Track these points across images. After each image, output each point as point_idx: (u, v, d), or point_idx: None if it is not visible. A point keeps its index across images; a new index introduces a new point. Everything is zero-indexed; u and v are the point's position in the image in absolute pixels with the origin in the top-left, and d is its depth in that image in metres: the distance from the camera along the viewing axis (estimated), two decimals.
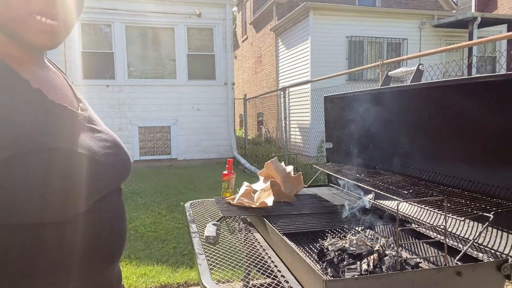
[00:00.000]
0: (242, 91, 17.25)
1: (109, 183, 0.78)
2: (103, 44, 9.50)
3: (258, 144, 12.06)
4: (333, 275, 1.25)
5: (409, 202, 1.69)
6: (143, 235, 4.39)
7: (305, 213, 1.81)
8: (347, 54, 10.82)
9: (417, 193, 1.60)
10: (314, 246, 1.55)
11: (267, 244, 1.59)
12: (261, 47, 15.15)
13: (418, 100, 1.78)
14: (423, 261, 1.40)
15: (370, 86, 7.43)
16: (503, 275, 1.09)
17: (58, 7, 0.72)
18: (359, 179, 1.95)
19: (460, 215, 1.26)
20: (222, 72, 10.10)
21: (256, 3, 15.76)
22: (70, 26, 0.79)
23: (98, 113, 0.95)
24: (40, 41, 0.73)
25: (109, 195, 0.78)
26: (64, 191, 0.66)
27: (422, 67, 1.84)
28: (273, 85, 13.53)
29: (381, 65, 4.55)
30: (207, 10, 9.94)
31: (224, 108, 10.19)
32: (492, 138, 1.43)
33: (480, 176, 1.51)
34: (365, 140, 2.25)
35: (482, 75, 1.29)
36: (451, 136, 1.63)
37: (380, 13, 11.31)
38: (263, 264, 1.41)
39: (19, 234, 0.63)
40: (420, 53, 4.21)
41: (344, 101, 2.35)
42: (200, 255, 1.47)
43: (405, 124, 1.90)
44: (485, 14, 11.02)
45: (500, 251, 1.22)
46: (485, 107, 1.42)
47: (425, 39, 11.29)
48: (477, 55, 10.88)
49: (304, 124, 10.05)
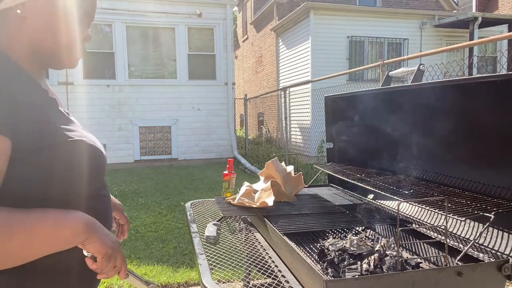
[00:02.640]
0: (242, 91, 17.25)
1: (105, 168, 1.02)
2: (104, 44, 9.50)
3: (258, 144, 12.06)
4: (334, 275, 1.25)
5: (409, 202, 1.69)
6: (143, 235, 4.39)
7: (306, 213, 1.81)
8: (347, 54, 10.81)
9: (417, 193, 1.60)
10: (314, 246, 1.55)
11: (267, 244, 1.59)
12: (261, 47, 15.15)
13: (418, 100, 1.77)
14: (423, 261, 1.39)
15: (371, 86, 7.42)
16: (503, 276, 1.09)
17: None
18: (359, 179, 1.95)
19: (461, 215, 1.26)
20: (222, 72, 10.10)
21: (257, 3, 15.76)
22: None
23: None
24: (74, 64, 0.94)
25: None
26: (89, 168, 0.90)
27: (423, 67, 1.84)
28: (273, 85, 13.52)
29: (382, 65, 4.54)
30: (207, 10, 9.94)
31: (225, 108, 10.19)
32: (493, 138, 1.43)
33: (481, 176, 1.51)
34: (365, 140, 2.25)
35: (483, 75, 1.29)
36: (452, 136, 1.63)
37: (381, 13, 11.30)
38: (264, 264, 1.41)
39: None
40: (421, 53, 4.21)
41: (344, 101, 2.35)
42: (201, 255, 1.47)
43: (406, 124, 1.90)
44: (485, 14, 11.02)
45: (500, 252, 1.22)
46: (486, 107, 1.42)
47: (426, 39, 11.28)
48: (478, 55, 10.88)
49: (304, 124, 10.05)
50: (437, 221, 1.57)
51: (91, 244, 0.82)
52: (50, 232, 0.77)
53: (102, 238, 0.84)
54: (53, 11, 0.87)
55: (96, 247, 0.82)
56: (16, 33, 0.85)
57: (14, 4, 0.83)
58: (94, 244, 0.82)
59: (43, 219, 0.76)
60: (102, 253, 0.84)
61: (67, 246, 0.80)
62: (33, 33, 0.86)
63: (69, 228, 0.79)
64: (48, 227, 0.76)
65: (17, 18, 0.85)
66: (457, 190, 1.56)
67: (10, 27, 0.85)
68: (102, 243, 0.83)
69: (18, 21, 0.85)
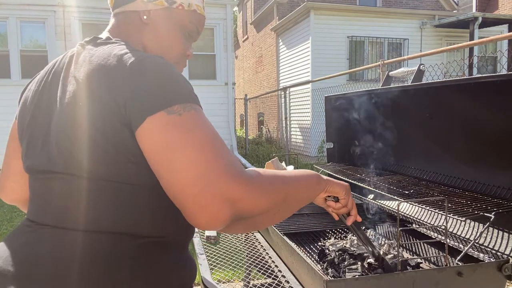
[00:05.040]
0: (242, 91, 17.25)
1: None
2: None
3: (258, 144, 12.06)
4: (334, 275, 1.25)
5: (410, 203, 1.69)
6: None
7: (306, 213, 1.81)
8: (347, 54, 10.81)
9: (418, 193, 1.60)
10: (314, 246, 1.55)
11: (267, 244, 1.59)
12: (261, 47, 15.15)
13: (419, 100, 1.77)
14: (424, 261, 1.40)
15: (371, 86, 7.43)
16: (504, 276, 1.09)
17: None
18: (359, 179, 1.95)
19: (461, 216, 1.26)
20: (222, 72, 10.10)
21: (257, 3, 15.76)
22: None
23: None
24: (180, 71, 0.97)
25: None
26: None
27: (423, 67, 1.84)
28: (273, 85, 13.52)
29: (382, 65, 4.55)
30: (207, 10, 9.91)
31: (225, 108, 10.18)
32: (493, 138, 1.43)
33: (481, 176, 1.51)
34: (365, 140, 2.25)
35: (484, 75, 1.29)
36: (452, 136, 1.63)
37: (381, 13, 11.30)
38: (264, 264, 1.41)
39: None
40: (421, 53, 4.21)
41: (345, 101, 2.35)
42: (201, 255, 1.47)
43: (406, 124, 1.90)
44: (486, 14, 11.01)
45: (501, 252, 1.22)
46: (486, 107, 1.42)
47: (426, 39, 11.28)
48: (478, 55, 10.87)
49: (304, 124, 10.05)
50: (437, 221, 1.57)
51: (332, 187, 0.95)
52: (306, 180, 0.88)
53: (335, 181, 0.97)
54: (172, 26, 0.94)
55: (336, 187, 0.96)
56: (135, 34, 0.93)
57: (142, 9, 0.92)
58: (334, 186, 0.96)
59: (298, 173, 0.88)
60: (342, 189, 0.97)
61: (315, 195, 0.94)
62: (149, 40, 0.93)
63: (314, 178, 0.91)
64: (304, 178, 0.88)
65: (141, 22, 0.92)
66: (457, 190, 1.56)
67: (132, 27, 0.93)
68: (338, 184, 0.97)
69: (141, 25, 0.93)
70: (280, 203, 0.79)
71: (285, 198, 0.80)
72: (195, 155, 0.69)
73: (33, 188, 0.85)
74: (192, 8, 0.96)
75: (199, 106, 0.78)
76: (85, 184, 0.76)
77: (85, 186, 0.76)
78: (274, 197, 0.77)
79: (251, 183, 0.71)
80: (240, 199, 0.69)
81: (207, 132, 0.73)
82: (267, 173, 0.78)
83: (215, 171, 0.68)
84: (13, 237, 0.82)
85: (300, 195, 0.87)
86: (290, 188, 0.82)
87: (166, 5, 0.92)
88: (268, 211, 0.77)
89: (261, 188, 0.74)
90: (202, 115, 0.76)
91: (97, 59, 0.78)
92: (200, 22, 1.00)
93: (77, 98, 0.76)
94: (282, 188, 0.79)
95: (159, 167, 0.71)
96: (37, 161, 0.82)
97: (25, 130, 0.88)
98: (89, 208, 0.76)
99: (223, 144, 0.75)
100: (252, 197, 0.71)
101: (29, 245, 0.77)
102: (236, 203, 0.69)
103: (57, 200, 0.79)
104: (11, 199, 1.03)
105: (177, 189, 0.69)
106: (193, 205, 0.68)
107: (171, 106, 0.72)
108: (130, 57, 0.76)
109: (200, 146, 0.70)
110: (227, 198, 0.68)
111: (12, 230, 0.85)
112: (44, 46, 8.72)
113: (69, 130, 0.76)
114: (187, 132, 0.71)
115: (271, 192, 0.76)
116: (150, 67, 0.75)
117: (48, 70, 0.90)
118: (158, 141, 0.70)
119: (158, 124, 0.71)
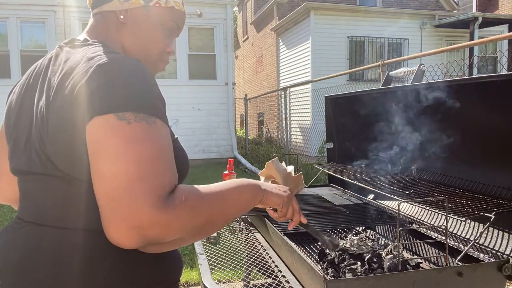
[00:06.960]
0: (243, 91, 17.25)
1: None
2: None
3: (259, 144, 12.06)
4: (334, 275, 1.25)
5: (410, 203, 1.69)
6: None
7: (306, 213, 1.81)
8: (348, 54, 10.81)
9: (418, 193, 1.60)
10: (315, 246, 1.55)
11: (267, 244, 1.59)
12: (262, 47, 15.15)
13: (419, 100, 1.77)
14: (424, 261, 1.40)
15: (371, 86, 7.43)
16: (504, 276, 1.09)
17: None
18: (360, 179, 1.95)
19: (461, 216, 1.26)
20: (222, 72, 10.09)
21: (257, 3, 15.76)
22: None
23: None
24: (155, 73, 1.00)
25: None
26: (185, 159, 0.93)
27: (423, 67, 1.84)
28: (274, 85, 13.52)
29: (382, 65, 4.55)
30: (208, 10, 9.93)
31: (225, 108, 10.18)
32: (493, 138, 1.43)
33: (481, 176, 1.51)
34: (366, 140, 2.25)
35: (484, 75, 1.29)
36: (452, 136, 1.63)
37: (381, 13, 11.29)
38: (264, 264, 1.41)
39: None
40: (421, 53, 4.21)
41: (345, 101, 2.35)
42: (201, 255, 1.47)
43: (406, 124, 1.90)
44: (486, 14, 11.01)
45: (501, 252, 1.22)
46: (486, 107, 1.42)
47: (426, 39, 11.27)
48: (478, 55, 10.86)
49: (304, 124, 10.05)
50: (437, 221, 1.57)
51: (268, 200, 0.96)
52: (236, 199, 0.87)
53: (275, 191, 0.99)
54: (150, 24, 0.94)
55: (272, 200, 0.98)
56: (114, 34, 0.93)
57: (119, 9, 0.92)
58: (271, 198, 0.97)
59: (231, 190, 0.86)
60: (279, 202, 1.00)
61: (250, 208, 0.93)
62: (127, 39, 0.94)
63: (249, 193, 0.91)
64: (235, 195, 0.87)
65: (118, 22, 0.93)
66: (458, 190, 1.56)
67: (110, 27, 0.93)
68: (276, 195, 0.98)
69: (119, 24, 0.93)
70: (203, 226, 0.77)
71: (210, 219, 0.78)
72: (124, 168, 0.68)
73: (20, 188, 0.89)
74: (170, 5, 0.95)
75: (159, 120, 0.76)
76: (60, 184, 0.79)
77: (60, 186, 0.79)
78: (194, 222, 0.74)
79: (169, 212, 0.69)
80: (149, 227, 0.67)
81: (150, 149, 0.71)
82: (195, 196, 0.76)
83: (132, 194, 0.67)
84: (2, 233, 0.88)
85: (230, 212, 0.86)
86: (218, 209, 0.80)
87: (142, 3, 0.92)
88: (188, 235, 0.76)
89: (179, 216, 0.71)
90: (154, 129, 0.73)
91: (71, 63, 0.80)
92: (180, 18, 0.99)
93: (50, 101, 0.78)
94: (207, 212, 0.77)
95: (92, 165, 0.71)
96: (20, 163, 0.85)
97: (10, 133, 0.90)
98: (65, 207, 0.79)
99: (164, 165, 0.72)
100: (165, 226, 0.69)
101: (14, 240, 0.83)
102: (144, 231, 0.68)
103: (38, 199, 0.83)
104: (3, 198, 1.07)
105: (97, 192, 0.70)
106: (105, 217, 0.69)
107: (123, 112, 0.71)
108: (99, 59, 0.76)
109: (134, 161, 0.69)
110: (134, 225, 0.67)
111: (4, 227, 0.91)
112: (44, 46, 8.73)
113: (44, 132, 0.78)
114: (128, 142, 0.70)
115: (192, 217, 0.74)
116: (116, 69, 0.75)
117: (30, 73, 0.92)
118: (98, 141, 0.70)
119: (104, 125, 0.70)
